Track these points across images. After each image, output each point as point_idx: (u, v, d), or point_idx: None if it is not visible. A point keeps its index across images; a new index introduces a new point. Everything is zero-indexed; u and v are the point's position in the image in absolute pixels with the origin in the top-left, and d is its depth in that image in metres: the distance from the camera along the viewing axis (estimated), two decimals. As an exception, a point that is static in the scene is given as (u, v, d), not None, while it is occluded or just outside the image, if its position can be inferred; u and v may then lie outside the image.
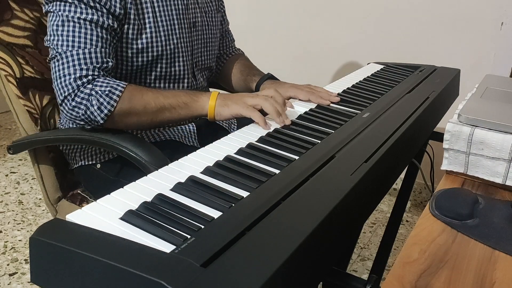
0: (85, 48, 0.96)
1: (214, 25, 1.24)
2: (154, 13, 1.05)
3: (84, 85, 0.95)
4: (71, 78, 0.94)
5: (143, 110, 0.97)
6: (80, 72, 0.95)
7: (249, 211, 0.59)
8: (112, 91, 0.94)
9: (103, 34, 0.98)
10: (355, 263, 1.74)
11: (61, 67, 0.96)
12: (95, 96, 0.94)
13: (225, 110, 0.97)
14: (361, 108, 1.02)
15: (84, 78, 0.95)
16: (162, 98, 0.99)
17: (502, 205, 0.77)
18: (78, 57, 0.95)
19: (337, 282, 0.63)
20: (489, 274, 0.62)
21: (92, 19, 0.97)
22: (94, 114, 0.94)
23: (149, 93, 0.99)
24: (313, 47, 2.16)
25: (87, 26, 0.97)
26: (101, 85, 0.95)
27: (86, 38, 0.96)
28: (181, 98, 0.99)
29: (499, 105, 0.97)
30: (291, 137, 0.84)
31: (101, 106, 0.94)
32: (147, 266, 0.47)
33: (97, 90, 0.94)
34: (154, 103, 0.98)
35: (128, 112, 0.96)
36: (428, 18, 1.88)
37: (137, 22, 1.03)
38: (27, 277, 1.61)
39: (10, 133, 2.78)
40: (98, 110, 0.94)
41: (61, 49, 0.96)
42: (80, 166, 1.15)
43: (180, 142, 1.12)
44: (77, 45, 0.96)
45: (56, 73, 0.96)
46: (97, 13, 0.97)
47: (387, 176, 0.85)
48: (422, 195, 2.13)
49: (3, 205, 2.04)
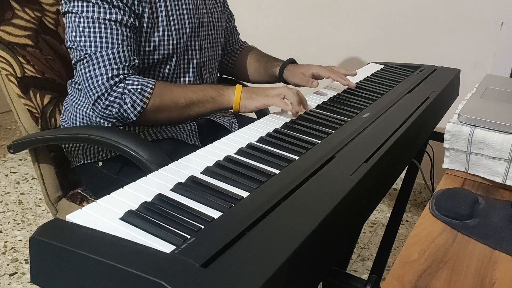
0: (113, 48, 0.99)
1: (219, 25, 1.26)
2: (166, 12, 1.08)
3: (117, 84, 0.98)
4: (103, 78, 0.98)
5: (173, 106, 1.02)
6: (112, 72, 0.98)
7: (249, 211, 0.59)
8: (144, 89, 0.99)
9: (128, 32, 1.01)
10: (355, 263, 1.74)
11: (91, 68, 0.99)
12: (128, 95, 0.98)
13: (250, 103, 1.02)
14: (361, 108, 1.02)
15: (116, 78, 0.98)
16: (191, 93, 1.03)
17: (502, 205, 0.77)
18: (108, 57, 0.98)
19: (337, 282, 0.63)
20: (489, 274, 0.62)
21: (117, 18, 0.99)
22: (128, 112, 0.99)
23: (178, 89, 1.04)
24: (313, 47, 2.16)
25: (113, 26, 0.99)
26: (132, 84, 0.99)
27: (113, 38, 0.99)
28: (208, 93, 1.04)
29: (499, 105, 0.97)
30: (291, 137, 0.84)
31: (134, 103, 0.98)
32: (147, 266, 0.47)
33: (130, 88, 0.98)
34: (184, 99, 1.02)
35: (159, 108, 1.01)
36: (428, 18, 1.88)
37: (151, 20, 1.05)
38: (27, 277, 1.61)
39: (10, 133, 2.79)
40: (132, 108, 0.98)
41: (89, 50, 0.98)
42: (82, 164, 1.15)
43: (182, 140, 1.13)
44: (105, 45, 0.98)
45: (86, 74, 0.99)
46: (120, 12, 1.00)
47: (387, 176, 0.85)
48: (422, 195, 2.13)
49: (3, 205, 2.04)
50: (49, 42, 1.22)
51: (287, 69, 1.28)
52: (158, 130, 1.12)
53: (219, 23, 1.26)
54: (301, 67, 1.26)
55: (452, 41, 1.85)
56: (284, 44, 2.23)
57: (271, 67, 1.32)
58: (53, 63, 1.21)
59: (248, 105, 1.03)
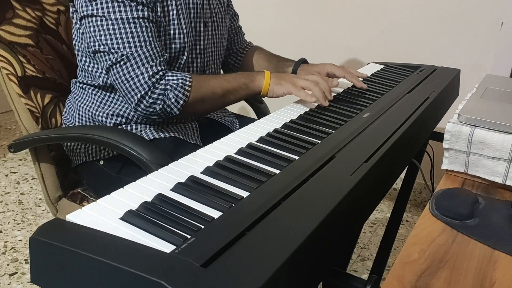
0: (146, 45, 1.00)
1: (223, 26, 1.27)
2: (177, 10, 1.09)
3: (158, 81, 1.00)
4: (145, 77, 0.99)
5: (212, 96, 1.05)
6: (151, 69, 1.00)
7: (249, 211, 0.59)
8: (184, 83, 1.01)
9: (154, 28, 1.03)
10: (355, 263, 1.74)
11: (130, 69, 0.99)
12: (170, 90, 1.00)
13: (279, 88, 1.06)
14: (361, 108, 1.02)
15: (156, 75, 1.00)
16: (225, 82, 1.06)
17: (502, 205, 0.77)
18: (145, 56, 0.99)
19: (337, 282, 0.63)
20: (489, 274, 0.62)
21: (144, 15, 1.00)
22: (171, 107, 1.01)
23: (213, 79, 1.07)
24: (313, 47, 2.16)
25: (142, 24, 1.00)
26: (172, 79, 1.01)
27: (145, 35, 1.00)
28: (240, 80, 1.08)
29: (499, 105, 0.97)
30: (291, 137, 0.84)
31: (177, 98, 1.00)
32: (147, 266, 0.47)
33: (171, 84, 1.00)
34: (220, 88, 1.06)
35: (199, 99, 1.04)
36: (428, 18, 1.88)
37: (162, 19, 1.06)
38: (27, 277, 1.61)
39: (10, 133, 2.78)
40: (176, 102, 1.01)
41: (125, 51, 0.99)
42: (83, 163, 1.15)
43: (183, 139, 1.13)
44: (139, 44, 0.99)
45: (126, 75, 1.00)
46: (145, 8, 1.00)
47: (387, 176, 0.85)
48: (422, 195, 2.13)
49: (3, 205, 2.04)
50: (50, 42, 1.22)
51: (300, 68, 1.28)
52: (159, 128, 1.13)
53: (223, 23, 1.26)
54: (315, 66, 1.26)
55: (452, 41, 1.85)
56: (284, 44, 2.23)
57: (282, 67, 1.32)
58: (54, 62, 1.22)
59: (276, 90, 1.07)
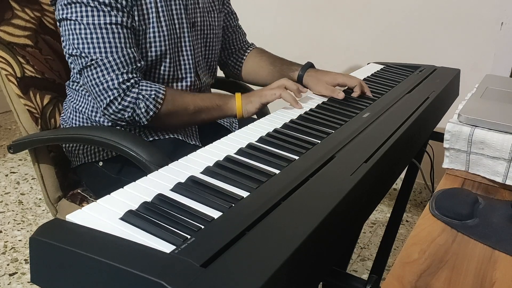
0: (118, 52, 0.99)
1: (216, 24, 1.25)
2: (157, 13, 1.07)
3: (129, 89, 1.00)
4: (114, 83, 0.99)
5: (183, 112, 1.05)
6: (122, 76, 0.99)
7: (249, 211, 0.59)
8: (157, 94, 1.01)
9: (129, 34, 1.02)
10: (355, 263, 1.74)
11: (100, 74, 0.99)
12: (142, 100, 1.00)
13: (250, 106, 1.07)
14: (361, 108, 1.02)
15: (128, 82, 1.00)
16: (199, 100, 1.07)
17: (502, 205, 0.77)
18: (115, 62, 0.99)
19: (337, 282, 0.63)
20: (489, 274, 0.62)
21: (117, 21, 0.99)
22: (140, 116, 1.01)
23: (188, 96, 1.07)
24: (313, 47, 2.16)
25: (115, 30, 0.99)
26: (146, 89, 1.01)
27: (117, 41, 1.00)
28: (214, 101, 1.08)
29: (499, 105, 0.97)
30: (291, 137, 0.84)
31: (148, 108, 1.01)
32: (147, 266, 0.47)
33: (144, 94, 1.00)
34: (193, 105, 1.06)
35: (170, 113, 1.04)
36: (428, 18, 1.88)
37: (141, 23, 1.05)
38: (27, 277, 1.61)
39: (10, 133, 2.78)
40: (145, 113, 1.01)
41: (95, 56, 0.99)
42: (82, 164, 1.15)
43: (183, 140, 1.13)
44: (110, 50, 0.99)
45: (95, 80, 1.00)
46: (119, 14, 1.00)
47: (387, 176, 0.85)
48: (422, 195, 2.13)
49: (3, 205, 2.04)
50: (49, 42, 1.22)
51: (308, 74, 1.22)
52: (158, 129, 1.12)
53: (216, 22, 1.25)
54: (326, 74, 1.19)
55: (452, 41, 1.85)
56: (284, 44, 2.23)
57: (287, 71, 1.27)
58: (53, 63, 1.21)
59: (249, 109, 1.07)
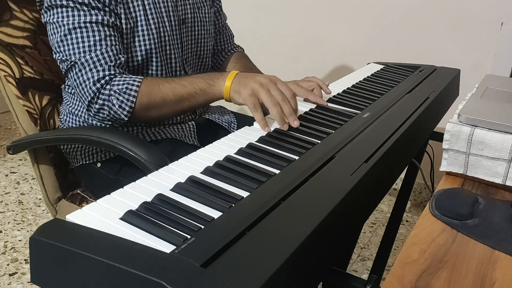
0: (96, 50, 0.98)
1: (207, 21, 1.24)
2: (144, 11, 1.07)
3: (103, 87, 0.98)
4: (90, 82, 0.98)
5: (162, 103, 0.99)
6: (97, 74, 0.97)
7: (249, 211, 0.59)
8: (129, 88, 0.97)
9: (110, 31, 1.00)
10: (355, 263, 1.74)
11: (79, 74, 0.98)
12: (114, 96, 0.97)
13: (237, 97, 0.95)
14: (361, 108, 1.02)
15: (102, 80, 0.98)
16: (180, 87, 0.99)
17: (502, 205, 0.77)
18: (92, 61, 0.98)
19: (337, 282, 0.63)
20: (489, 274, 0.62)
21: (97, 19, 0.99)
22: (118, 113, 0.98)
23: (166, 85, 1.00)
24: (313, 47, 2.16)
25: (94, 28, 0.99)
26: (118, 84, 0.98)
27: (95, 39, 0.99)
28: (197, 85, 0.99)
29: (499, 105, 0.96)
30: (291, 137, 0.84)
31: (122, 104, 0.97)
32: (147, 266, 0.47)
33: (115, 89, 0.97)
34: (173, 94, 0.99)
35: (148, 106, 0.99)
36: (428, 18, 1.88)
37: (128, 21, 1.04)
38: (27, 277, 1.61)
39: (10, 133, 2.78)
40: (120, 109, 0.97)
41: (74, 57, 0.98)
42: (81, 165, 1.15)
43: (180, 140, 1.12)
44: (88, 49, 0.98)
45: (76, 81, 0.99)
46: (100, 12, 0.99)
47: (387, 176, 0.85)
48: (422, 195, 2.13)
49: (3, 205, 2.04)
50: (48, 43, 1.21)
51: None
52: (156, 130, 1.12)
53: (207, 18, 1.24)
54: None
55: (452, 41, 1.85)
56: (283, 44, 2.23)
57: None
58: (52, 64, 1.21)
59: (235, 99, 0.95)
